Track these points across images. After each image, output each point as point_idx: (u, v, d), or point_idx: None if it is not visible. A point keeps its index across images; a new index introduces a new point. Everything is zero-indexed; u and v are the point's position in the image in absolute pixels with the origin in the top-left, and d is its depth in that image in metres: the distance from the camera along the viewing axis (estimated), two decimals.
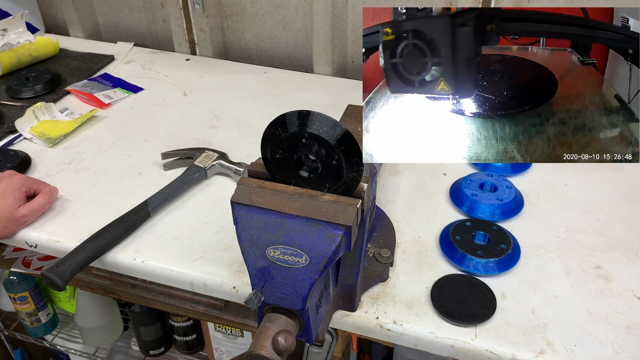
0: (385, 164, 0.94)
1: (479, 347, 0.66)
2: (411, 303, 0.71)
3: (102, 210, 0.86)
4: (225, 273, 0.75)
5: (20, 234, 0.82)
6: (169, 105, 1.16)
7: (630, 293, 0.72)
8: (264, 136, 0.61)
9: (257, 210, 0.60)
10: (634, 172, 0.94)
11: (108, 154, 1.00)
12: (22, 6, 1.41)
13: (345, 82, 1.25)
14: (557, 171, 0.94)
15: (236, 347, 1.19)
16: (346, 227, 0.57)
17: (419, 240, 0.81)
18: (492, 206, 0.83)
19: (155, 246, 0.79)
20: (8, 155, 0.97)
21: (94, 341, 1.39)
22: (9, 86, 1.19)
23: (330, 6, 1.19)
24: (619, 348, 0.65)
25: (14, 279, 1.31)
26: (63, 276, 0.71)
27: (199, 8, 1.30)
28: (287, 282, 0.57)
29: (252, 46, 1.38)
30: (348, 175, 0.59)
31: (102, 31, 1.52)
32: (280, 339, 0.54)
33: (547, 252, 0.78)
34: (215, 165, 0.93)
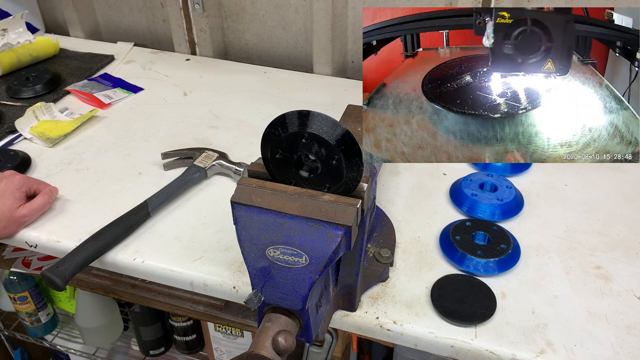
0: (385, 164, 0.94)
1: (479, 347, 0.66)
2: (411, 303, 0.71)
3: (102, 210, 0.86)
4: (225, 273, 0.75)
5: (20, 234, 0.82)
6: (169, 105, 1.16)
7: (630, 293, 0.72)
8: (264, 136, 0.61)
9: (257, 210, 0.60)
10: (634, 172, 0.94)
11: (108, 154, 1.00)
12: (22, 6, 1.41)
13: (345, 82, 1.25)
14: (557, 171, 0.94)
15: (236, 347, 1.19)
16: (346, 227, 0.57)
17: (419, 240, 0.81)
18: (492, 206, 0.83)
19: (155, 246, 0.79)
20: (8, 155, 0.97)
21: (94, 341, 1.39)
22: (9, 86, 1.20)
23: (330, 6, 1.19)
24: (619, 348, 0.65)
25: (14, 279, 1.31)
26: (63, 276, 0.71)
27: (199, 8, 1.30)
28: (287, 282, 0.57)
29: (252, 46, 1.38)
30: (348, 175, 0.59)
31: (102, 31, 1.53)
32: (280, 339, 0.54)
33: (547, 252, 0.78)
34: (215, 165, 0.93)
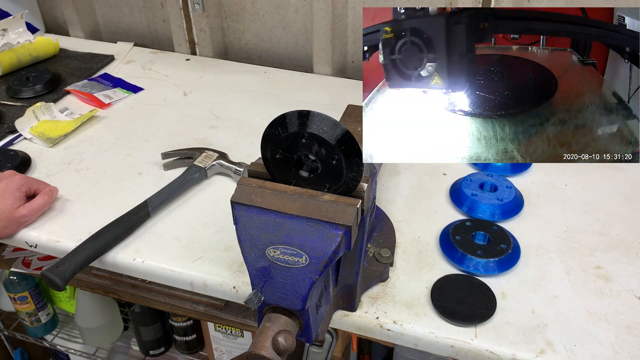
0: (385, 164, 0.94)
1: (479, 347, 0.66)
2: (411, 303, 0.71)
3: (102, 210, 0.86)
4: (225, 273, 0.75)
5: (20, 234, 0.82)
6: (169, 105, 1.16)
7: (630, 293, 0.72)
8: (264, 136, 0.61)
9: (257, 210, 0.60)
10: (634, 172, 0.94)
11: (108, 154, 1.00)
12: (22, 6, 1.41)
13: (345, 82, 1.25)
14: (557, 171, 0.94)
15: (236, 347, 1.19)
16: (346, 227, 0.57)
17: (419, 240, 0.81)
18: (492, 206, 0.83)
19: (155, 246, 0.79)
20: (8, 155, 0.97)
21: (94, 341, 1.39)
22: (9, 86, 1.19)
23: (330, 6, 1.19)
24: (619, 348, 0.65)
25: (14, 279, 1.31)
26: (63, 276, 0.71)
27: (199, 8, 1.30)
28: (287, 282, 0.57)
29: (252, 46, 1.38)
30: (348, 175, 0.59)
31: (102, 31, 1.53)
32: (280, 339, 0.54)
33: (547, 252, 0.78)
34: (215, 165, 0.93)
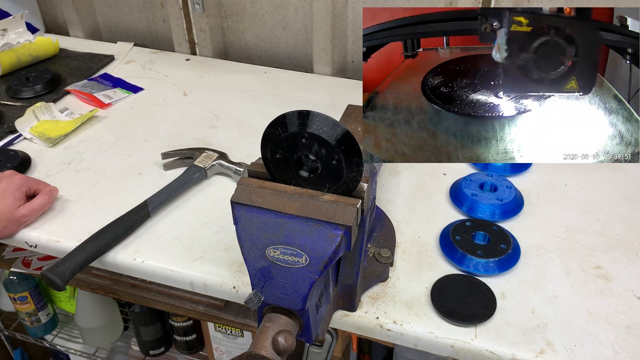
0: (385, 164, 0.94)
1: (479, 347, 0.66)
2: (411, 303, 0.71)
3: (102, 210, 0.86)
4: (225, 273, 0.75)
5: (20, 234, 0.82)
6: (169, 105, 1.16)
7: (630, 293, 0.72)
8: (264, 136, 0.61)
9: (257, 210, 0.60)
10: (634, 172, 0.94)
11: (108, 154, 1.00)
12: (22, 6, 1.41)
13: (345, 82, 1.25)
14: (557, 171, 0.94)
15: (236, 347, 1.19)
16: (346, 227, 0.57)
17: (419, 240, 0.81)
18: (492, 206, 0.83)
19: (155, 246, 0.79)
20: (8, 155, 0.97)
21: (94, 341, 1.39)
22: (9, 86, 1.19)
23: (330, 6, 1.19)
24: (619, 348, 0.65)
25: (14, 279, 1.31)
26: (63, 276, 0.71)
27: (199, 8, 1.30)
28: (287, 282, 0.57)
29: (252, 46, 1.38)
30: (348, 175, 0.59)
31: (102, 31, 1.53)
32: (280, 339, 0.54)
33: (547, 252, 0.79)
34: (215, 165, 0.93)
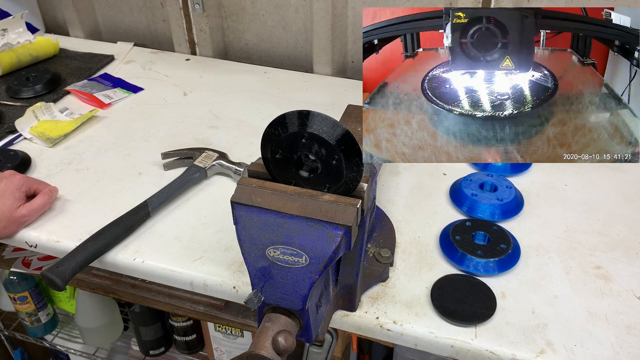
0: (385, 164, 0.94)
1: (479, 347, 0.66)
2: (411, 303, 0.71)
3: (102, 210, 0.86)
4: (225, 273, 0.75)
5: (20, 234, 0.82)
6: (169, 105, 1.16)
7: (630, 293, 0.72)
8: (264, 136, 0.61)
9: (257, 210, 0.60)
10: (634, 172, 0.94)
11: (108, 154, 1.00)
12: (22, 6, 1.41)
13: (345, 82, 1.25)
14: (557, 171, 0.94)
15: (236, 347, 1.19)
16: (346, 227, 0.57)
17: (419, 240, 0.81)
18: (492, 206, 0.83)
19: (155, 246, 0.79)
20: (8, 155, 0.97)
21: (94, 341, 1.39)
22: (9, 86, 1.20)
23: (330, 6, 1.19)
24: (619, 348, 0.65)
25: (14, 279, 1.31)
26: (63, 276, 0.71)
27: (199, 8, 1.30)
28: (287, 282, 0.57)
29: (252, 46, 1.38)
30: (348, 175, 0.59)
31: (102, 31, 1.53)
32: (280, 339, 0.54)
33: (547, 252, 0.79)
34: (215, 165, 0.93)
